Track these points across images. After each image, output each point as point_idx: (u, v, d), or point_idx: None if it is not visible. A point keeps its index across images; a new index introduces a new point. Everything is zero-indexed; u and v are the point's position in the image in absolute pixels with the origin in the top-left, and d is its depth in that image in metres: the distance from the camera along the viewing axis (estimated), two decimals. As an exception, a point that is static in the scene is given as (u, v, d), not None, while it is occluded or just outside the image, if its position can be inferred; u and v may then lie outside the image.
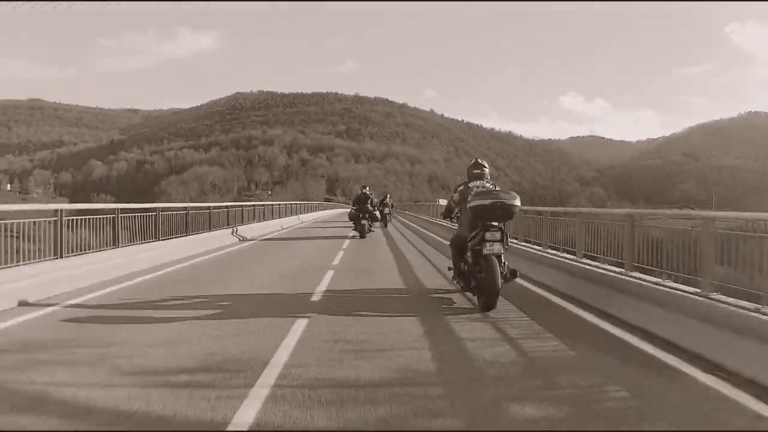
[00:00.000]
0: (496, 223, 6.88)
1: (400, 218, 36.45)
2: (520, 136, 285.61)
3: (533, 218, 11.36)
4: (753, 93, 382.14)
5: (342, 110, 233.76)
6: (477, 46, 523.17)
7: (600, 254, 8.18)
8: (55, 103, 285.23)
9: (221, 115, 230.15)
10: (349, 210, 21.56)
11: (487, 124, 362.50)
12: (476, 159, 8.06)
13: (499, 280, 6.65)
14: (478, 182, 7.49)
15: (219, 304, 7.38)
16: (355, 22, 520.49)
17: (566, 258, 8.89)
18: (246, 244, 17.33)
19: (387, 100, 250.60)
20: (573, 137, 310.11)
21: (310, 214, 36.64)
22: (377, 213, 21.71)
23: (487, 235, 6.76)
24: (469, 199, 7.03)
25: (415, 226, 27.60)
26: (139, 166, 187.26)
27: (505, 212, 6.87)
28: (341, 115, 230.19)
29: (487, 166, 7.85)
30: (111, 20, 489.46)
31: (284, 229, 24.53)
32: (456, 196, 7.82)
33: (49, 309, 6.71)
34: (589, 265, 8.05)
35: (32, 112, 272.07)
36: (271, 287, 8.97)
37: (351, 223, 20.10)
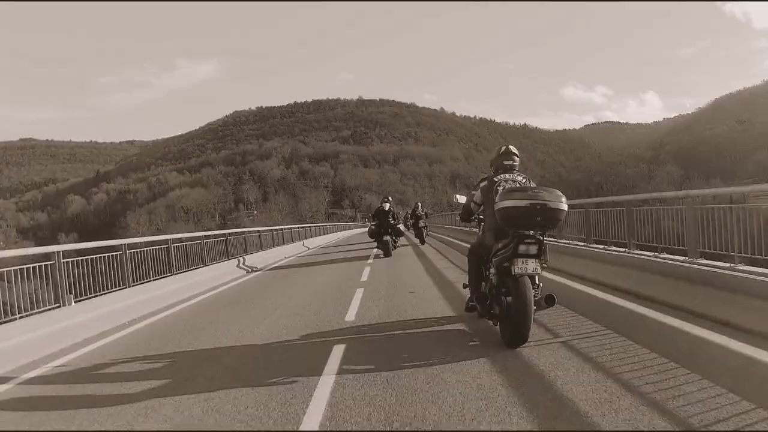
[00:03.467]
0: (532, 233, 4.62)
1: (435, 233, 26.88)
2: (536, 128, 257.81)
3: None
4: (754, 63, 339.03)
5: (345, 115, 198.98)
6: (469, 47, 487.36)
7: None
8: (47, 140, 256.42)
9: (214, 134, 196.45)
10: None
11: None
12: (506, 145, 5.44)
13: (532, 311, 4.47)
14: (508, 176, 5.17)
15: None
16: (349, 32, 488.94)
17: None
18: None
19: (393, 101, 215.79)
20: (587, 125, 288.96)
21: (286, 249, 19.66)
22: (401, 227, 17.41)
23: (521, 249, 4.56)
24: (496, 198, 4.81)
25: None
26: (120, 197, 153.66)
27: (547, 218, 4.57)
28: (345, 120, 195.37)
29: (518, 155, 5.37)
30: (111, 58, 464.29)
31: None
32: (477, 194, 5.40)
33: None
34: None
35: (23, 152, 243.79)
36: None
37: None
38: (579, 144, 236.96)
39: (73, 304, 6.84)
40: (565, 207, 4.55)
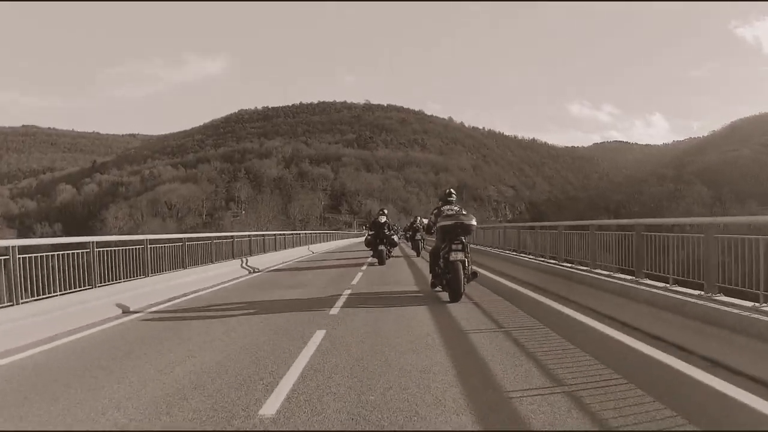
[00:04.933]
0: (460, 238, 8.30)
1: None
2: (545, 143, 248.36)
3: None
4: (763, 89, 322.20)
5: (351, 118, 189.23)
6: (476, 58, 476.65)
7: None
8: (50, 128, 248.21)
9: (215, 130, 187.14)
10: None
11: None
12: (449, 188, 9.37)
13: (463, 281, 8.15)
14: (448, 206, 8.78)
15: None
16: (354, 37, 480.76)
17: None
18: None
19: (401, 107, 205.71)
20: (597, 143, 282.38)
21: (276, 256, 20.11)
22: (395, 238, 18.66)
23: (452, 247, 8.16)
24: (438, 220, 8.59)
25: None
26: (112, 189, 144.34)
27: (465, 230, 8.31)
28: (350, 123, 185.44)
29: (455, 193, 9.15)
30: (120, 50, 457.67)
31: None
32: (432, 217, 9.16)
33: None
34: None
35: (24, 139, 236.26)
36: None
37: None
38: (588, 162, 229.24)
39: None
40: (474, 223, 8.41)
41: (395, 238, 18.49)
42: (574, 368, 4.27)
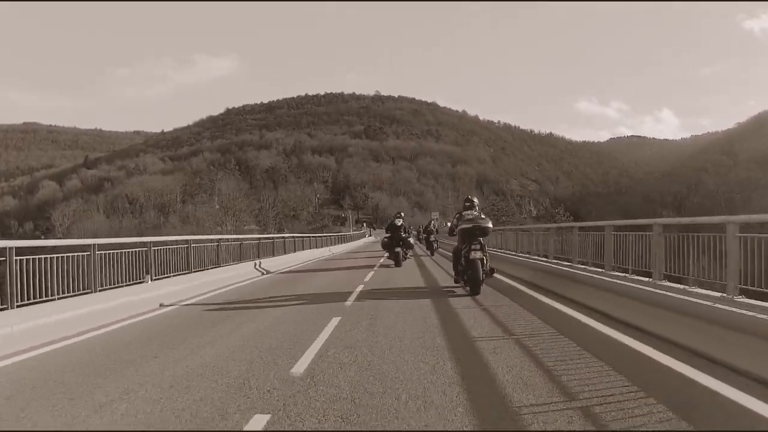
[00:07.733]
0: (478, 239, 8.95)
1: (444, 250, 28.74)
2: (562, 137, 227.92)
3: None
4: None
5: (360, 109, 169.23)
6: (480, 60, 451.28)
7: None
8: (50, 126, 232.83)
9: (213, 122, 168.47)
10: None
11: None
12: (468, 196, 10.02)
13: (481, 276, 8.68)
14: (468, 212, 9.36)
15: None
16: (362, 37, 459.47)
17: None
18: None
19: (413, 98, 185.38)
20: (612, 138, 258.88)
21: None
22: (411, 240, 18.78)
23: (472, 247, 8.81)
24: (459, 224, 9.27)
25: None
26: (98, 184, 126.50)
27: (482, 232, 8.98)
28: (359, 114, 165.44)
29: (476, 200, 9.68)
30: (130, 51, 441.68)
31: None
32: (454, 221, 9.86)
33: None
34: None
35: (25, 136, 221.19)
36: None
37: None
38: (606, 157, 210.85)
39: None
40: (490, 225, 9.14)
41: (411, 240, 18.60)
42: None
